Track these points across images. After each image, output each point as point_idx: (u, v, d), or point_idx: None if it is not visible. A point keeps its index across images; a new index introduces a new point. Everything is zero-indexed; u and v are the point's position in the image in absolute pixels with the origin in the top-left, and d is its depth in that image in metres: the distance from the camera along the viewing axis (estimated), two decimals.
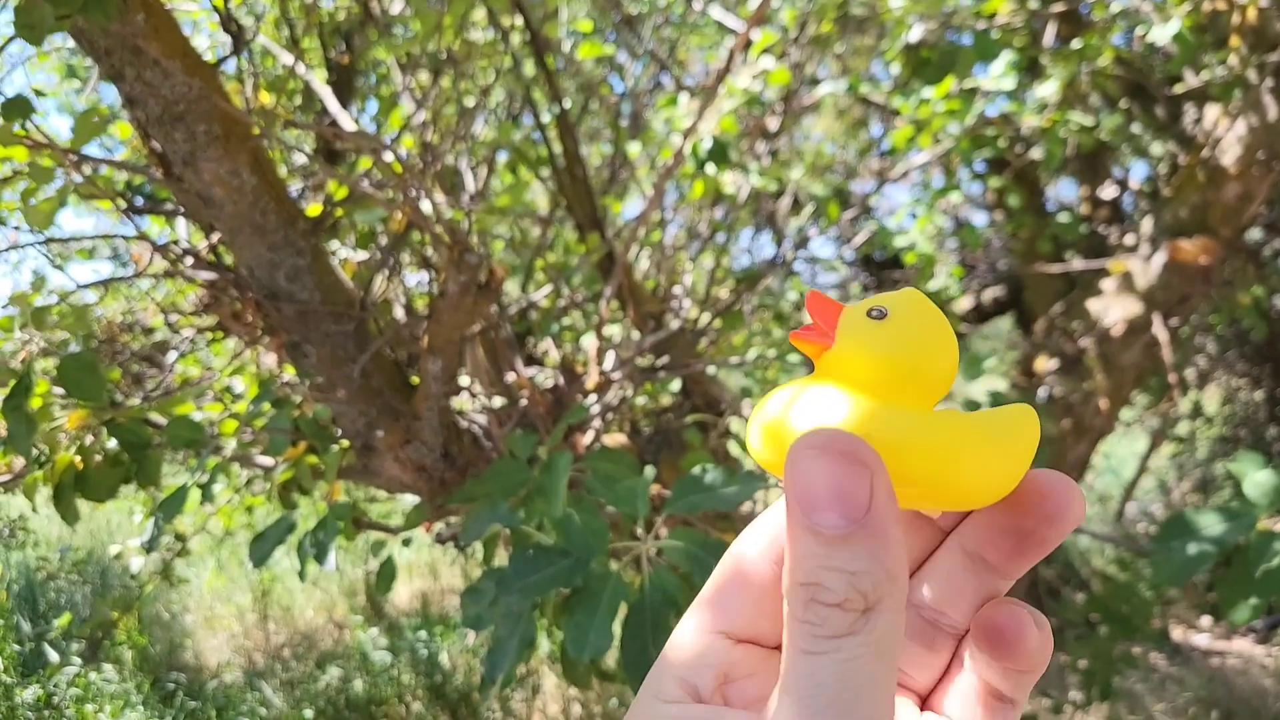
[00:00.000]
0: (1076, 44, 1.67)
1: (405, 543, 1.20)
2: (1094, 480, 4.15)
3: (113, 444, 0.98)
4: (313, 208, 1.11)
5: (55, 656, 2.59)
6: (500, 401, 1.35)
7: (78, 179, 0.92)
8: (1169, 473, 4.15)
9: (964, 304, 3.34)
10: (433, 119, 1.40)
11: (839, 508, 0.22)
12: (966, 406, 0.94)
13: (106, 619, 2.05)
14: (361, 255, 1.35)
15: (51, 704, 2.46)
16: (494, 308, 1.16)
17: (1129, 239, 2.01)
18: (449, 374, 1.08)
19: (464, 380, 1.38)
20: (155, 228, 1.52)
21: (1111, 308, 1.93)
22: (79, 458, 0.96)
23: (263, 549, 0.93)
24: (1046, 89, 1.56)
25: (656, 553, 0.81)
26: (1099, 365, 1.93)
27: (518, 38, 1.72)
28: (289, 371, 1.20)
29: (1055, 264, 2.32)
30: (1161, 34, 1.35)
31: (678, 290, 1.82)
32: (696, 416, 1.53)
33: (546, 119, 1.66)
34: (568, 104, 1.72)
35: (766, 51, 1.58)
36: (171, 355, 1.50)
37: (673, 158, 1.19)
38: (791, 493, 0.23)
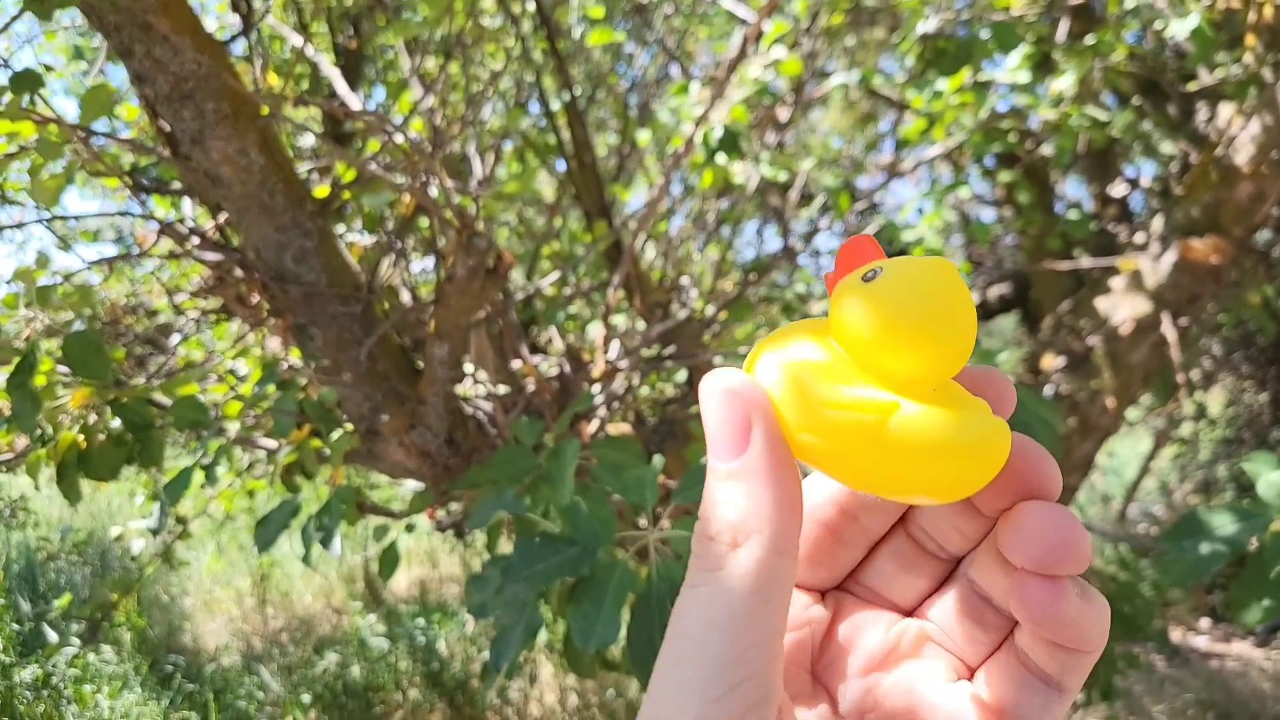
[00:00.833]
0: (1090, 39, 1.65)
1: (409, 528, 1.19)
2: (1097, 480, 4.14)
3: (116, 424, 0.97)
4: (320, 189, 1.10)
5: (54, 637, 2.59)
6: (505, 389, 1.34)
7: (85, 156, 0.91)
8: (1171, 474, 4.14)
9: None
10: (441, 103, 1.39)
11: (724, 445, 0.23)
12: None
13: (106, 600, 2.05)
14: (368, 239, 1.34)
15: (50, 684, 2.46)
16: (500, 294, 1.15)
17: (1139, 237, 1.99)
18: (455, 359, 1.07)
19: (469, 367, 1.37)
20: (161, 210, 1.51)
21: (1120, 306, 1.92)
22: (82, 437, 0.95)
23: (267, 533, 0.92)
24: (1063, 82, 1.55)
25: (663, 542, 0.80)
26: (1106, 364, 1.92)
27: (528, 24, 1.71)
28: (294, 355, 1.19)
29: (1064, 261, 2.31)
30: (1180, 28, 1.33)
31: (685, 280, 1.81)
32: None
33: (556, 106, 1.65)
34: (577, 91, 1.71)
35: (778, 41, 1.56)
36: (175, 337, 1.50)
37: (683, 146, 1.18)
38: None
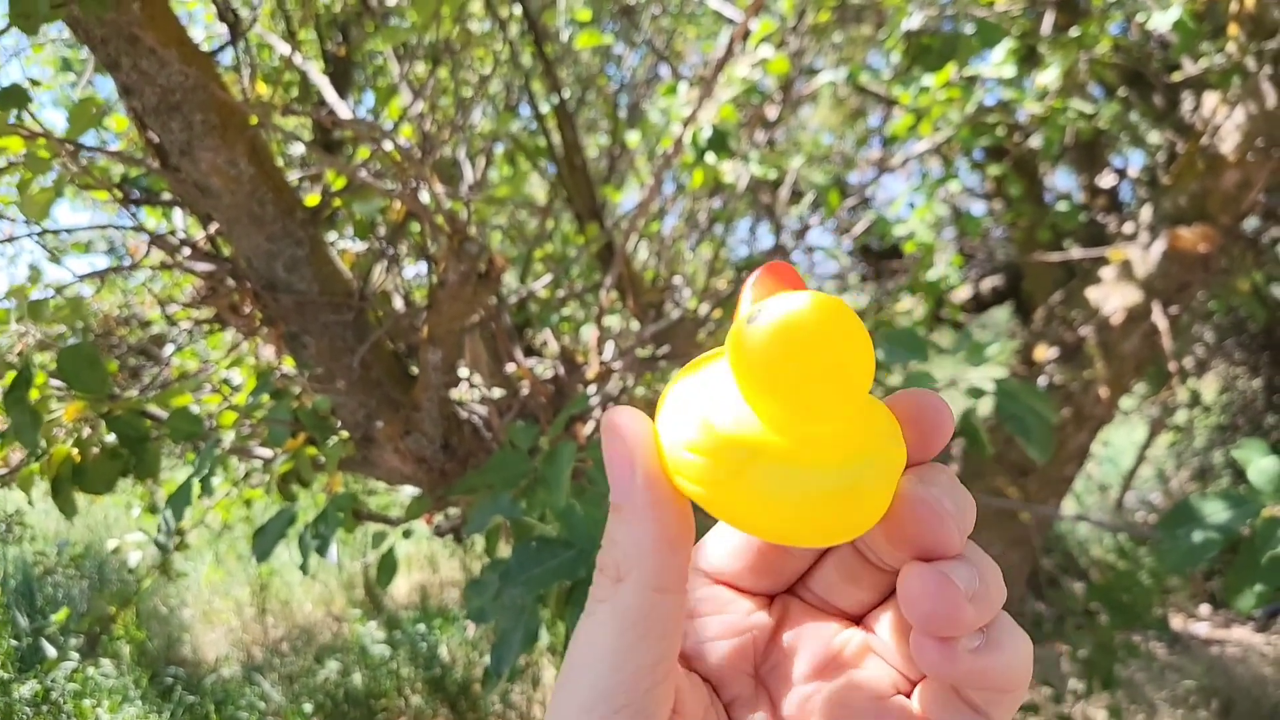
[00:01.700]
0: (1074, 32, 1.66)
1: (406, 534, 1.20)
2: (1093, 470, 4.15)
3: (111, 437, 0.97)
4: (311, 198, 1.11)
5: (53, 651, 2.59)
6: (500, 393, 1.34)
7: (74, 169, 0.91)
8: (1167, 461, 4.16)
9: (962, 293, 3.34)
10: (430, 109, 1.39)
11: (616, 481, 0.24)
12: (969, 394, 0.94)
13: (104, 614, 2.05)
14: (360, 246, 1.34)
15: (49, 699, 2.46)
16: (493, 298, 1.15)
17: (1128, 227, 2.00)
18: (449, 364, 1.08)
19: (463, 371, 1.37)
20: (152, 221, 1.51)
21: (1111, 296, 1.93)
22: (76, 450, 0.95)
23: (265, 543, 0.92)
24: (1048, 76, 1.56)
25: None
26: (1099, 353, 1.93)
27: (516, 28, 1.71)
28: (287, 364, 1.19)
29: (1055, 253, 2.32)
30: (1162, 20, 1.34)
31: (677, 280, 1.81)
32: None
33: (545, 109, 1.65)
34: (566, 94, 1.71)
35: (765, 40, 1.57)
36: (168, 348, 1.49)
37: (672, 146, 1.18)
38: None
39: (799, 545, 0.24)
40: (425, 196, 1.09)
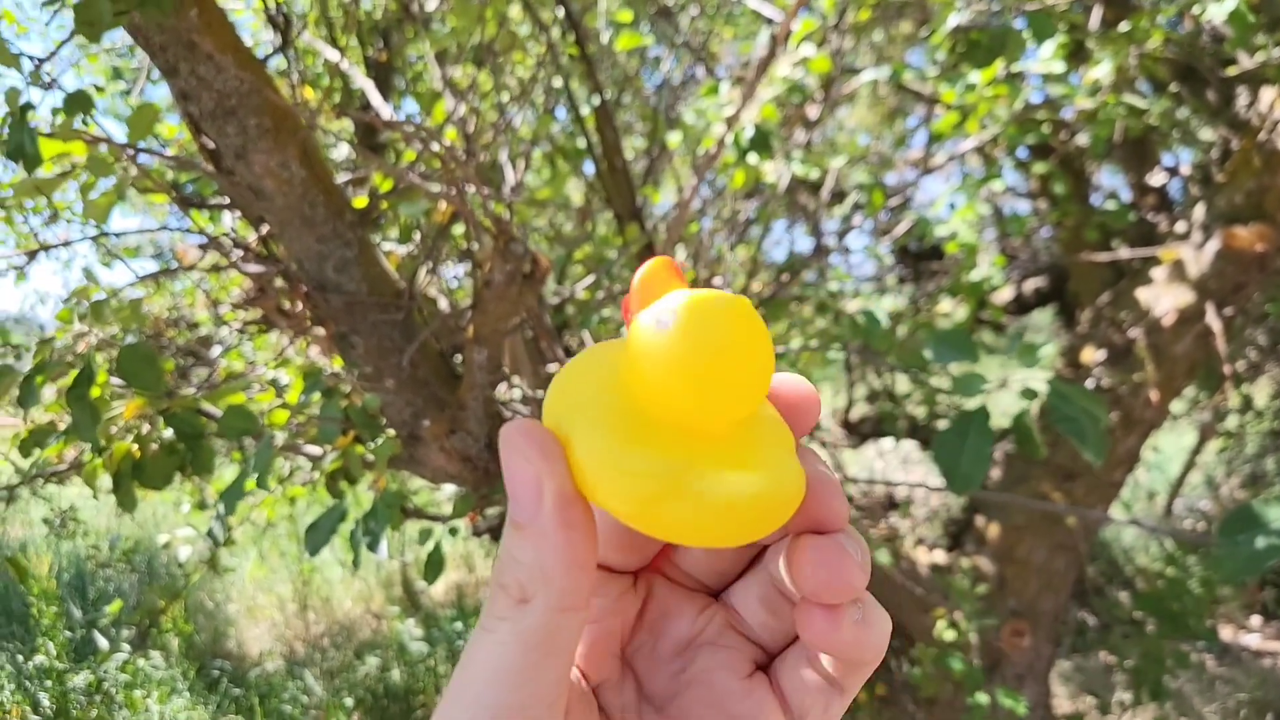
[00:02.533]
0: (1125, 27, 1.63)
1: (452, 531, 1.21)
2: (1141, 476, 4.07)
3: (168, 433, 0.99)
4: (359, 200, 1.12)
5: (105, 643, 2.65)
6: (542, 394, 1.35)
7: (134, 173, 0.94)
8: (1218, 468, 4.05)
9: (1005, 295, 3.29)
10: (472, 112, 1.41)
11: (520, 500, 0.23)
12: (1023, 395, 0.92)
13: (154, 607, 2.09)
14: (405, 249, 1.36)
15: (101, 689, 2.52)
16: (537, 298, 1.16)
17: (1180, 226, 1.96)
18: (494, 364, 1.09)
19: (505, 371, 1.39)
20: (203, 228, 1.55)
21: (1162, 297, 1.89)
22: (136, 446, 0.98)
23: (318, 537, 0.94)
24: (1099, 71, 1.53)
25: None
26: (1149, 356, 1.89)
27: (557, 31, 1.72)
28: (335, 363, 1.21)
29: (1103, 253, 2.27)
30: (1217, 12, 1.31)
31: (717, 281, 1.81)
32: None
33: (585, 111, 1.65)
34: (607, 95, 1.72)
35: (807, 39, 1.56)
36: (216, 349, 1.53)
37: (714, 146, 1.18)
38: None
39: (734, 545, 0.23)
40: (470, 198, 1.10)
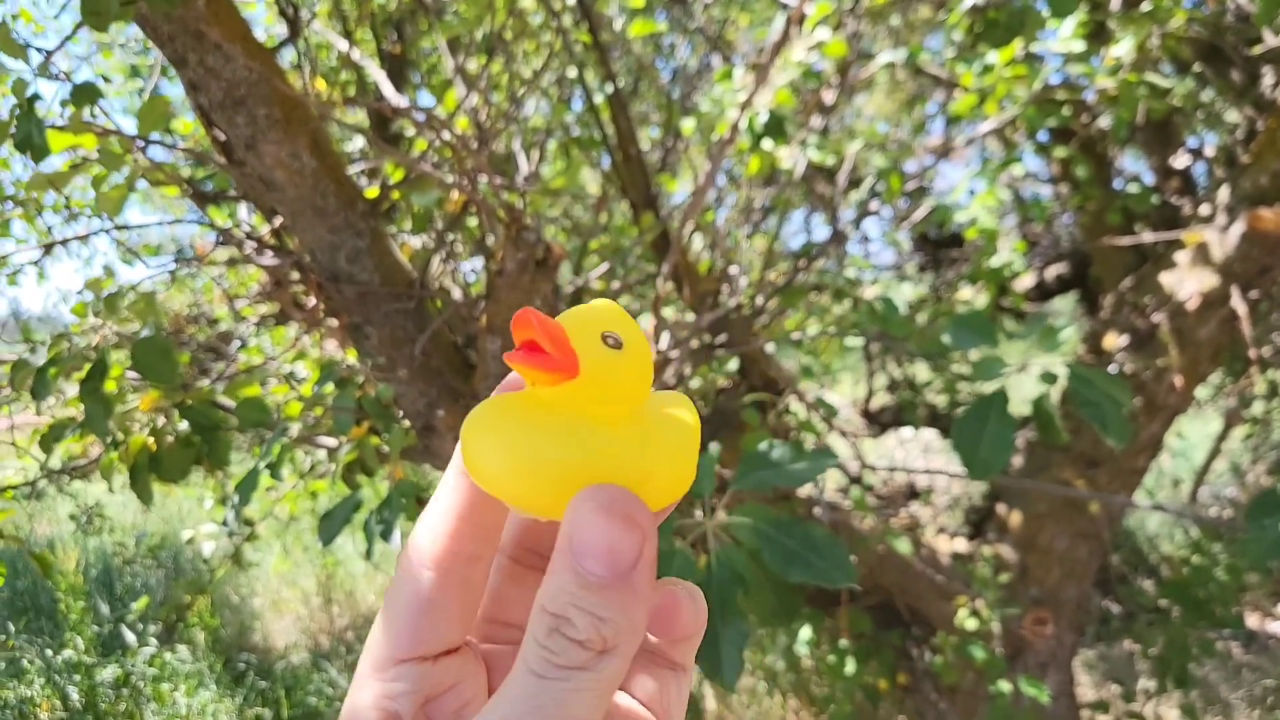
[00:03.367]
0: (1147, 5, 1.60)
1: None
2: (1164, 463, 4.01)
3: (184, 426, 1.00)
4: (370, 190, 1.12)
5: (133, 638, 2.68)
6: None
7: (146, 165, 0.94)
8: (1243, 455, 4.00)
9: (1026, 281, 3.25)
10: (484, 101, 1.40)
11: (607, 561, 0.24)
12: (1043, 380, 0.91)
13: (180, 602, 2.11)
14: (419, 240, 1.35)
15: (130, 683, 2.55)
16: (551, 286, 1.15)
17: (1204, 209, 1.92)
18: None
19: None
20: (218, 221, 1.55)
21: (1186, 281, 1.86)
22: (152, 440, 0.98)
23: (332, 527, 0.94)
24: (1120, 49, 1.50)
25: (723, 530, 0.80)
26: (1173, 340, 1.86)
27: (569, 18, 1.71)
28: (350, 355, 1.21)
29: (1125, 237, 2.24)
30: None
31: (733, 270, 1.79)
32: (754, 396, 1.50)
33: (599, 99, 1.64)
34: (620, 82, 1.71)
35: (822, 23, 1.54)
36: (235, 344, 1.53)
37: (729, 131, 1.17)
38: (568, 534, 0.25)
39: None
40: (482, 186, 1.10)
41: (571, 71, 1.84)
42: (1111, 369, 1.87)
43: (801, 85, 1.62)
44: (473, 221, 1.40)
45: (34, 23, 1.98)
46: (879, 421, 2.65)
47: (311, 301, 1.16)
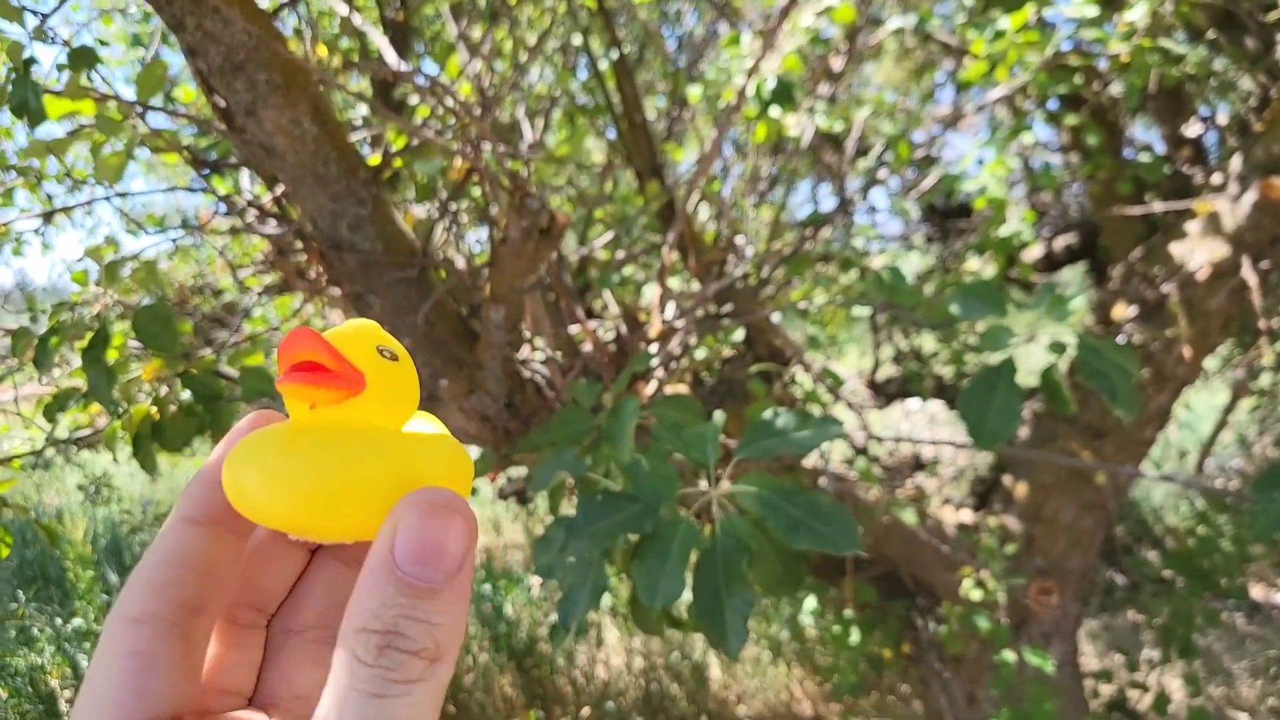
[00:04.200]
0: None
1: (471, 492, 1.20)
2: (1170, 434, 4.01)
3: (187, 395, 0.99)
4: (373, 158, 1.11)
5: None
6: (561, 354, 1.34)
7: (145, 130, 0.93)
8: (1250, 427, 3.99)
9: (1034, 252, 3.23)
10: (488, 68, 1.38)
11: (435, 563, 0.24)
12: (1051, 350, 0.90)
13: None
14: (423, 209, 1.34)
15: None
16: (555, 255, 1.14)
17: (1216, 178, 1.90)
18: (512, 323, 1.07)
19: (525, 333, 1.37)
20: (220, 191, 1.54)
21: (1197, 251, 1.84)
22: (155, 409, 0.98)
23: None
24: (1135, 13, 1.47)
25: (728, 499, 0.79)
26: (1182, 311, 1.84)
27: None
28: None
29: (1136, 206, 2.21)
30: None
31: (739, 239, 1.78)
32: (761, 366, 1.50)
33: (604, 66, 1.62)
34: (626, 49, 1.68)
35: None
36: (239, 315, 1.53)
37: (736, 98, 1.15)
38: (389, 544, 0.24)
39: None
40: (486, 154, 1.09)
41: (576, 38, 1.81)
42: (1120, 340, 1.86)
43: (809, 52, 1.59)
44: (477, 191, 1.38)
45: None
46: (884, 393, 2.64)
47: (314, 271, 1.15)
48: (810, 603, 1.82)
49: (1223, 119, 2.72)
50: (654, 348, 1.25)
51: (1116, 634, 2.82)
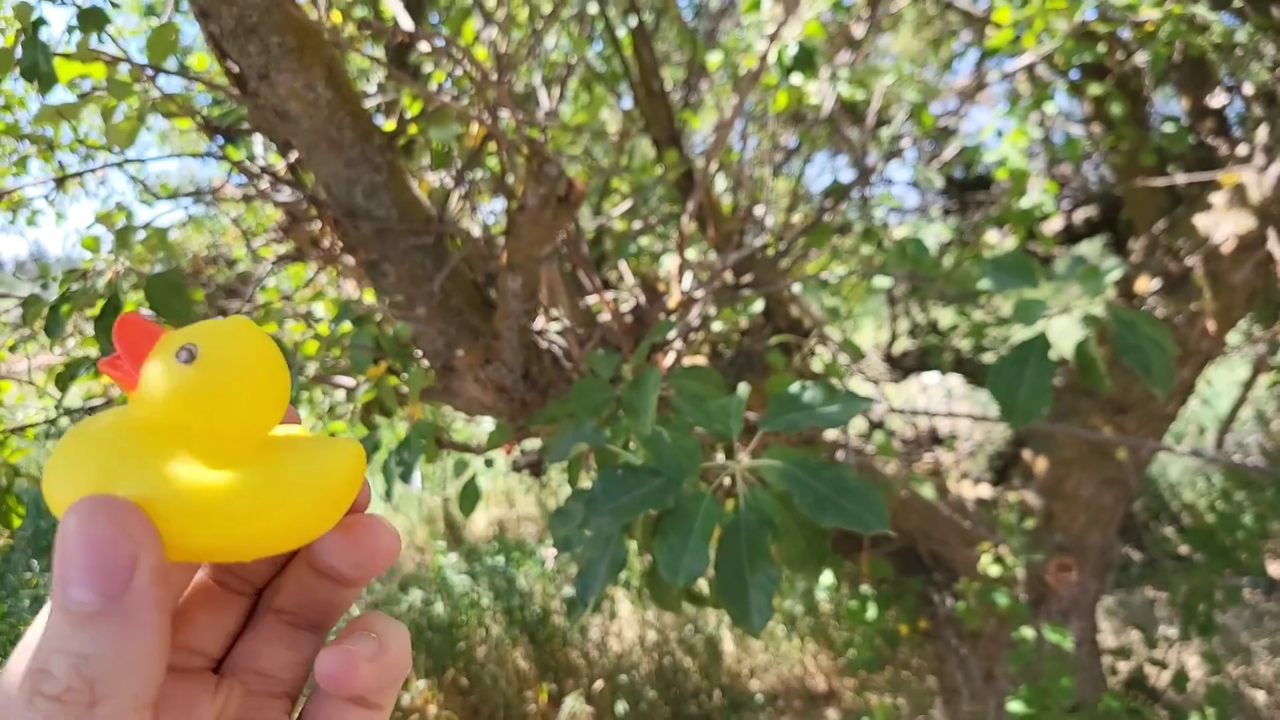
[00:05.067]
0: None
1: (488, 463, 1.20)
2: (1190, 409, 3.97)
3: None
4: (388, 124, 1.09)
5: None
6: (579, 326, 1.32)
7: (156, 94, 0.91)
8: (1269, 403, 3.95)
9: (1054, 225, 3.18)
10: (504, 33, 1.36)
11: (93, 582, 0.19)
12: (1085, 323, 0.87)
13: None
14: (438, 176, 1.32)
15: None
16: (572, 223, 1.12)
17: (1241, 149, 1.86)
18: (529, 292, 1.06)
19: (541, 303, 1.36)
20: (234, 158, 1.52)
21: (1222, 223, 1.81)
22: None
23: None
24: None
25: (751, 473, 0.78)
26: (1207, 284, 1.81)
27: None
28: (368, 296, 1.19)
29: (1160, 178, 2.17)
30: None
31: (759, 210, 1.75)
32: (781, 338, 1.48)
33: (621, 33, 1.59)
34: (644, 15, 1.65)
35: None
36: (253, 285, 1.52)
37: (757, 64, 1.12)
38: (55, 563, 0.20)
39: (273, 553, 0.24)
40: (503, 121, 1.06)
41: (593, 6, 1.77)
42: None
43: (830, 18, 1.55)
44: (493, 160, 1.36)
45: None
46: (901, 366, 2.61)
47: (328, 239, 1.13)
48: (827, 578, 1.81)
49: (1249, 89, 2.65)
50: (673, 319, 1.23)
51: (1133, 610, 2.81)
